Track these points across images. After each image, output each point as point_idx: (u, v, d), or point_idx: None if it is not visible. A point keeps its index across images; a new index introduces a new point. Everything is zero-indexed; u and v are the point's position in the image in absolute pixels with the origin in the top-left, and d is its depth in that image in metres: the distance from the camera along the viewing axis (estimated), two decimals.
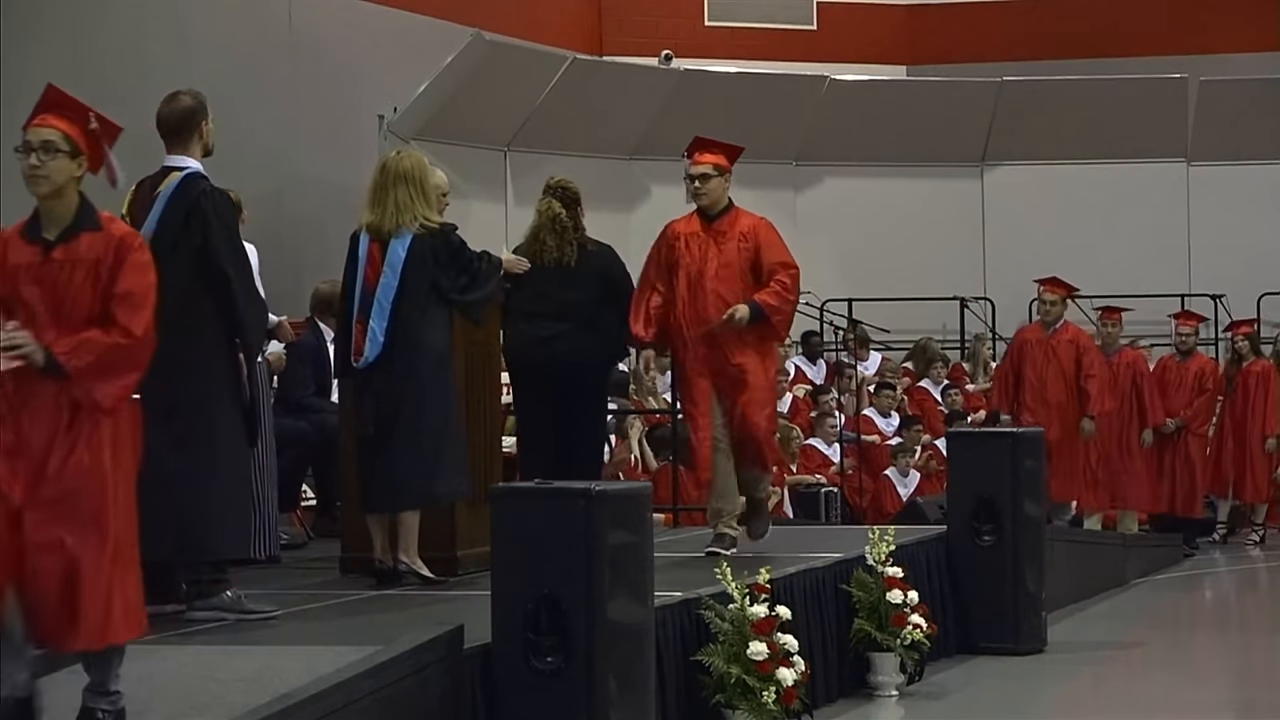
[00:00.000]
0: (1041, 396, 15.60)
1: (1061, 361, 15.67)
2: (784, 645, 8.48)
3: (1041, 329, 15.94)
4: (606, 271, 10.76)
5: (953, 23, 24.45)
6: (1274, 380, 18.55)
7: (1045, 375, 15.64)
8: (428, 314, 9.22)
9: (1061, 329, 15.86)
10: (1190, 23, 23.52)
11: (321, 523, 12.08)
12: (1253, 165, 22.20)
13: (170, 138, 8.25)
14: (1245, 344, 18.58)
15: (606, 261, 10.80)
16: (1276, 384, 18.53)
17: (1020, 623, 11.30)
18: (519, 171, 20.19)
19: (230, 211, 8.16)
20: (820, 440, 17.82)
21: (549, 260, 10.66)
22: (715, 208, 10.61)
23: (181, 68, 14.81)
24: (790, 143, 22.08)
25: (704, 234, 10.56)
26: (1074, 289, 16.14)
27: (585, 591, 7.01)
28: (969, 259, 22.36)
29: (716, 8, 23.87)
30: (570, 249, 10.69)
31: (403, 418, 9.13)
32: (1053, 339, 15.76)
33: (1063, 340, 15.75)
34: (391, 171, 9.37)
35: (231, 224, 8.15)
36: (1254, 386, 18.38)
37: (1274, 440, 18.33)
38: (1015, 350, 16.10)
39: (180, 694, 6.53)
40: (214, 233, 8.07)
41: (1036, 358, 15.73)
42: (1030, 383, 15.68)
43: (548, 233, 10.75)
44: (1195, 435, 17.78)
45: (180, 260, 8.05)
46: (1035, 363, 15.71)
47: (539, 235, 10.80)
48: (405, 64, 18.70)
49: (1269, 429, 18.35)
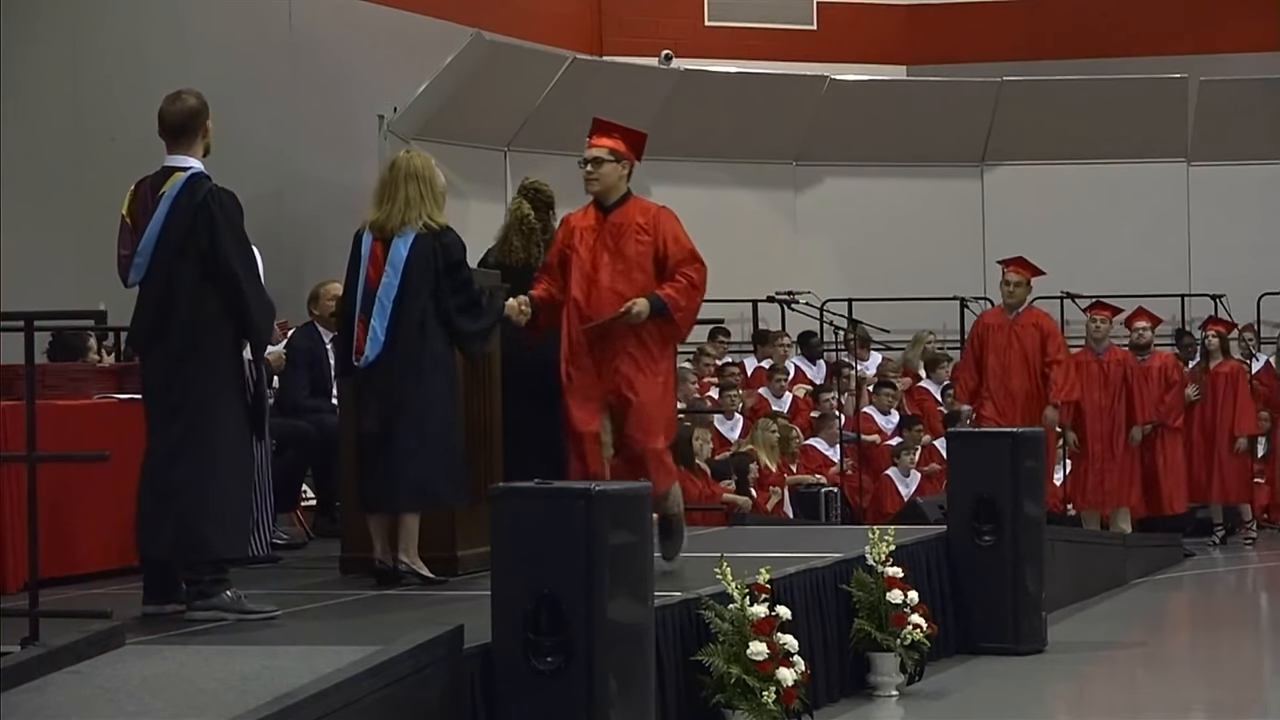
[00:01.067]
0: (1004, 385, 15.07)
1: (1025, 347, 15.08)
2: (784, 645, 8.48)
3: (1004, 313, 15.40)
4: None
5: (953, 23, 24.44)
6: (1243, 381, 18.47)
7: (1008, 362, 15.07)
8: (429, 314, 9.21)
9: (1025, 313, 15.31)
10: (1190, 23, 23.52)
11: (321, 523, 12.07)
12: (1253, 165, 22.20)
13: (173, 137, 8.24)
14: (1215, 341, 18.48)
15: None
16: (1246, 385, 18.46)
17: (1020, 623, 11.29)
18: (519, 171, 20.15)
19: (237, 211, 8.17)
20: (821, 440, 17.83)
21: (516, 261, 10.64)
22: (609, 197, 9.69)
23: (181, 68, 14.81)
24: (790, 143, 22.08)
25: (598, 227, 9.65)
26: (1039, 270, 15.52)
27: (585, 591, 7.01)
28: (969, 259, 22.35)
29: (716, 8, 23.86)
30: (537, 250, 10.63)
31: (404, 418, 9.13)
32: (1016, 323, 15.20)
33: (1026, 324, 15.18)
34: (403, 168, 9.38)
35: (238, 224, 8.15)
36: (1223, 387, 18.27)
37: (1244, 441, 18.23)
38: (976, 337, 15.43)
39: (180, 694, 6.53)
40: (221, 233, 8.07)
41: (999, 343, 15.15)
42: (992, 370, 15.12)
43: (515, 234, 10.77)
44: (1171, 431, 17.50)
45: (187, 260, 8.06)
46: (997, 349, 15.13)
47: (507, 236, 10.82)
48: (405, 64, 18.70)
49: (1239, 429, 18.23)
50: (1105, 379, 16.59)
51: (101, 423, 9.59)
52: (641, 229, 9.57)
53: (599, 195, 9.67)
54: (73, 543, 9.41)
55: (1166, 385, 17.53)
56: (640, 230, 9.57)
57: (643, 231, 9.57)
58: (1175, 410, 17.58)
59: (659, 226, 9.60)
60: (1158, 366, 17.58)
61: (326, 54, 17.95)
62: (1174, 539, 17.37)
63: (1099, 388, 16.56)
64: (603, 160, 9.69)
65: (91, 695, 6.61)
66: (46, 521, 7.94)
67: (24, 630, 7.40)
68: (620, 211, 9.65)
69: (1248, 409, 18.36)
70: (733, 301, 20.17)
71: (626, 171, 9.71)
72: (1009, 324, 15.28)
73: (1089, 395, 16.36)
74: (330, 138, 17.78)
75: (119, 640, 7.20)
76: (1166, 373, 17.59)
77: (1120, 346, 17.40)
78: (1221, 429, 18.20)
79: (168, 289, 8.10)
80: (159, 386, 8.11)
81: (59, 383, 10.18)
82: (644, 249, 9.55)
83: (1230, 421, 18.22)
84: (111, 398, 10.02)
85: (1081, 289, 20.06)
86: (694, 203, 21.37)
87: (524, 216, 10.74)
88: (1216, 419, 18.21)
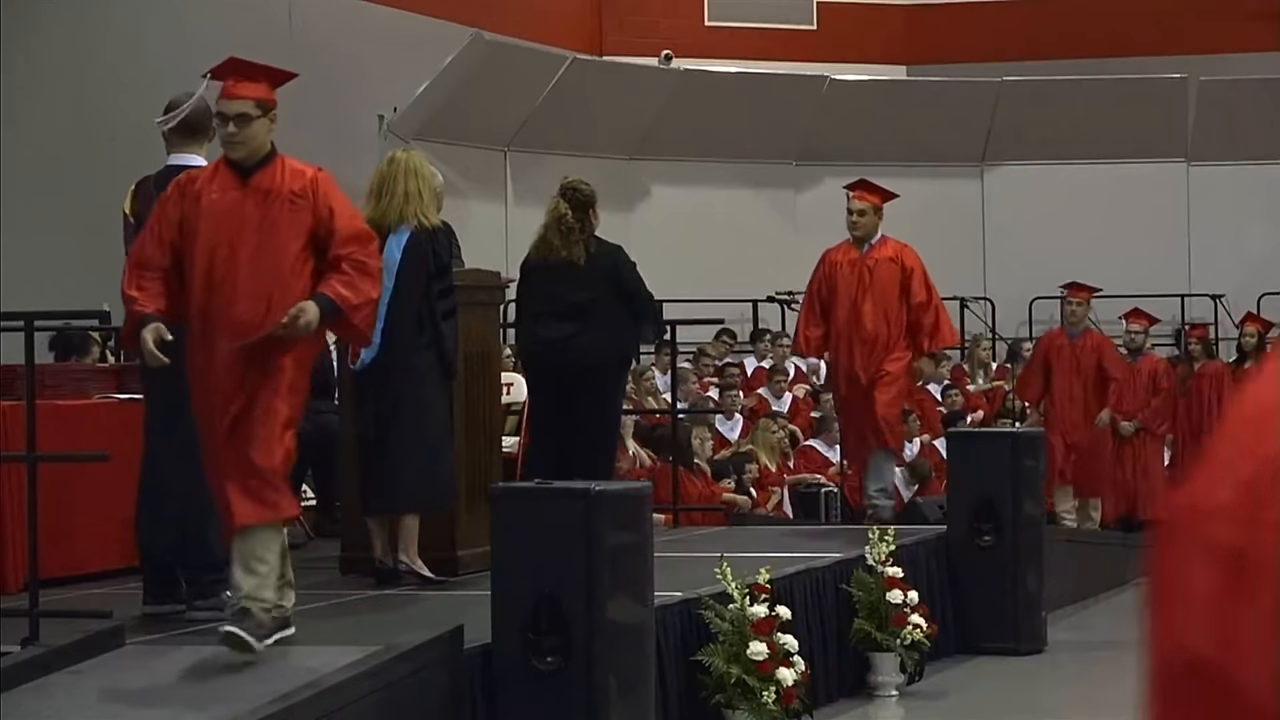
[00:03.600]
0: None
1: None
2: (784, 645, 8.49)
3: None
4: (614, 272, 10.61)
5: (953, 23, 24.45)
6: (1228, 382, 18.40)
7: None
8: (424, 315, 9.21)
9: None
10: (1190, 23, 23.53)
11: (321, 523, 12.07)
12: (1253, 165, 22.21)
13: (186, 134, 8.20)
14: (1198, 347, 18.43)
15: (613, 262, 10.64)
16: (1230, 387, 18.38)
17: (1020, 623, 11.30)
18: (519, 171, 20.20)
19: None
20: (820, 441, 17.82)
21: (555, 260, 10.60)
22: (252, 159, 7.25)
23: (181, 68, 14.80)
24: (790, 143, 22.09)
25: (240, 193, 7.19)
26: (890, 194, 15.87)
27: (585, 591, 7.02)
28: (969, 259, 22.36)
29: (716, 8, 23.87)
30: (577, 250, 10.58)
31: (401, 421, 9.14)
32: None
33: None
34: (401, 164, 9.41)
35: None
36: (1207, 389, 18.20)
37: None
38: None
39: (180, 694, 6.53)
40: None
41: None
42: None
43: (553, 233, 10.71)
44: (1154, 436, 17.40)
45: None
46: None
47: (546, 235, 10.77)
48: (405, 64, 18.72)
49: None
50: (1078, 364, 16.06)
51: (101, 423, 9.59)
52: (296, 195, 7.16)
53: (241, 160, 7.22)
54: (73, 543, 9.41)
55: (1155, 389, 17.44)
56: (295, 197, 7.16)
57: (298, 197, 7.16)
58: (1160, 416, 17.44)
59: (317, 191, 7.20)
60: (1148, 369, 17.48)
61: (326, 54, 17.95)
62: None
63: (1072, 373, 16.08)
64: (250, 117, 7.24)
65: (91, 695, 6.61)
66: (46, 521, 7.94)
67: (24, 630, 7.40)
68: (264, 174, 7.22)
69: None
70: (733, 301, 20.17)
71: (273, 126, 7.34)
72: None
73: (1060, 380, 16.04)
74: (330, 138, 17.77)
75: (119, 640, 7.20)
76: (1156, 377, 17.49)
77: (1095, 332, 16.91)
78: (1208, 431, 18.09)
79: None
80: (159, 386, 8.11)
81: (59, 382, 10.18)
82: (298, 223, 7.14)
83: (1214, 423, 18.15)
84: (112, 398, 10.02)
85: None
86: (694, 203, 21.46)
87: (561, 215, 10.70)
88: (1203, 421, 18.10)
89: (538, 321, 10.53)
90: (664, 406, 15.87)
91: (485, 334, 10.18)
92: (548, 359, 10.42)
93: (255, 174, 7.18)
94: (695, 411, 16.42)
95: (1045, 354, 16.19)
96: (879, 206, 12.81)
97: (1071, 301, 16.27)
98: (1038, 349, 16.86)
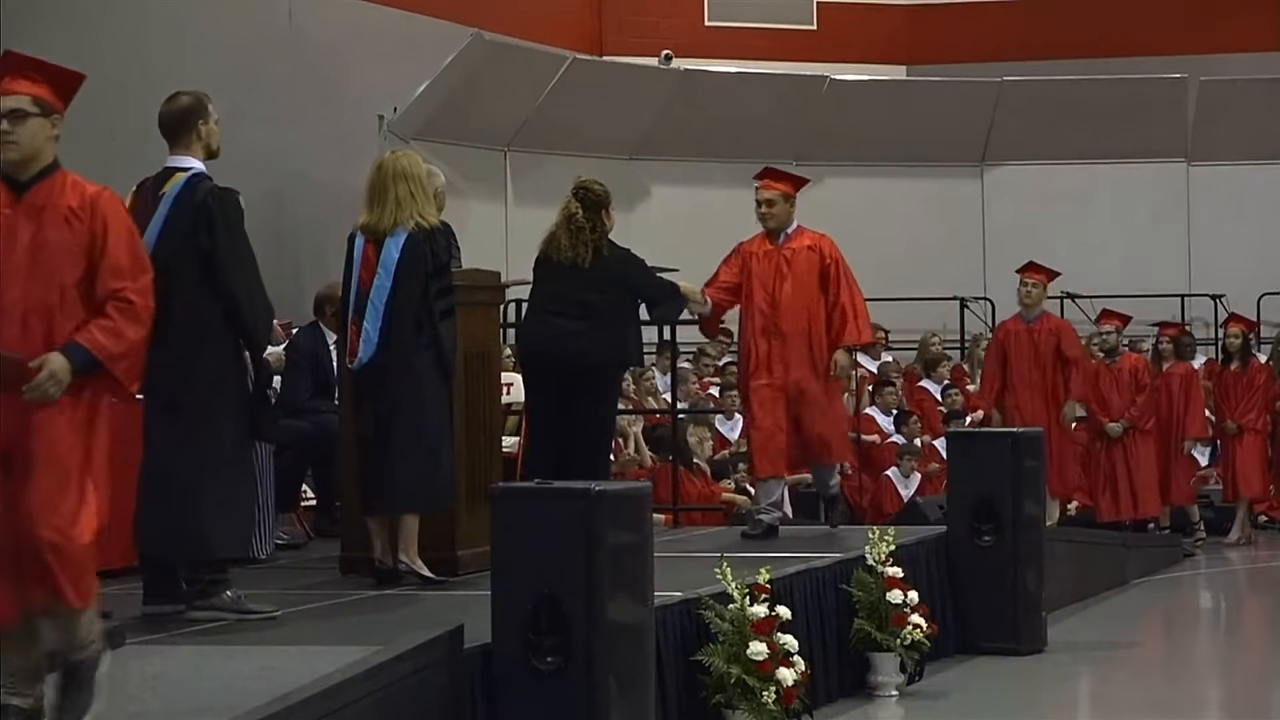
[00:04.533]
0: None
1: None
2: (784, 645, 8.48)
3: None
4: (623, 276, 10.57)
5: (953, 23, 24.46)
6: (1196, 383, 18.34)
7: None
8: (423, 315, 9.21)
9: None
10: (1190, 23, 23.54)
11: (321, 523, 12.08)
12: (1253, 165, 22.22)
13: (169, 138, 8.29)
14: (1169, 346, 18.36)
15: (624, 265, 10.59)
16: (1199, 387, 18.31)
17: (1020, 623, 11.29)
18: (519, 171, 20.21)
19: (236, 211, 8.18)
20: None
21: (563, 259, 10.58)
22: (27, 168, 6.09)
23: (181, 68, 14.81)
24: (790, 143, 22.08)
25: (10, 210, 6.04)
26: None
27: (585, 591, 7.01)
28: (969, 259, 22.37)
29: (716, 8, 23.88)
30: (585, 250, 10.54)
31: (400, 420, 9.13)
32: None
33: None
34: (389, 170, 9.36)
35: (237, 224, 8.17)
36: (1176, 389, 18.14)
37: (1189, 442, 18.08)
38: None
39: (180, 694, 6.53)
40: (219, 233, 8.08)
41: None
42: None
43: (563, 231, 10.69)
44: (1144, 433, 17.24)
45: (187, 260, 8.07)
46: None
47: (556, 233, 10.75)
48: (405, 64, 18.72)
49: (1190, 432, 18.09)
50: (1036, 350, 15.24)
51: None
52: (75, 213, 6.03)
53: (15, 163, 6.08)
54: None
55: (1137, 388, 17.36)
56: (73, 215, 6.03)
57: (76, 217, 6.03)
58: (1146, 413, 17.36)
59: (95, 211, 6.06)
60: (1128, 368, 17.39)
61: (326, 54, 17.96)
62: (1174, 539, 17.36)
63: (1028, 360, 15.23)
64: (26, 115, 6.12)
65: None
66: None
67: None
68: (42, 188, 6.08)
69: (1198, 412, 18.18)
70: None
71: (55, 129, 6.19)
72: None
73: (1018, 367, 15.30)
74: (330, 138, 17.79)
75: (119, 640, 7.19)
76: (1137, 375, 17.41)
77: (1053, 315, 16.37)
78: (1173, 431, 17.98)
79: (169, 288, 8.10)
80: (160, 385, 8.10)
81: None
82: (72, 241, 6.01)
83: (1182, 424, 18.04)
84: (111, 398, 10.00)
85: (1081, 289, 20.09)
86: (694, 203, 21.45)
87: (572, 215, 10.67)
88: (1171, 421, 18.00)
89: (543, 316, 10.53)
90: (664, 406, 15.88)
91: (485, 334, 10.17)
92: (547, 357, 10.41)
93: (31, 188, 6.05)
94: (695, 411, 16.43)
95: (1001, 344, 15.46)
96: (790, 195, 12.01)
97: (1027, 283, 15.33)
98: (993, 340, 16.10)
